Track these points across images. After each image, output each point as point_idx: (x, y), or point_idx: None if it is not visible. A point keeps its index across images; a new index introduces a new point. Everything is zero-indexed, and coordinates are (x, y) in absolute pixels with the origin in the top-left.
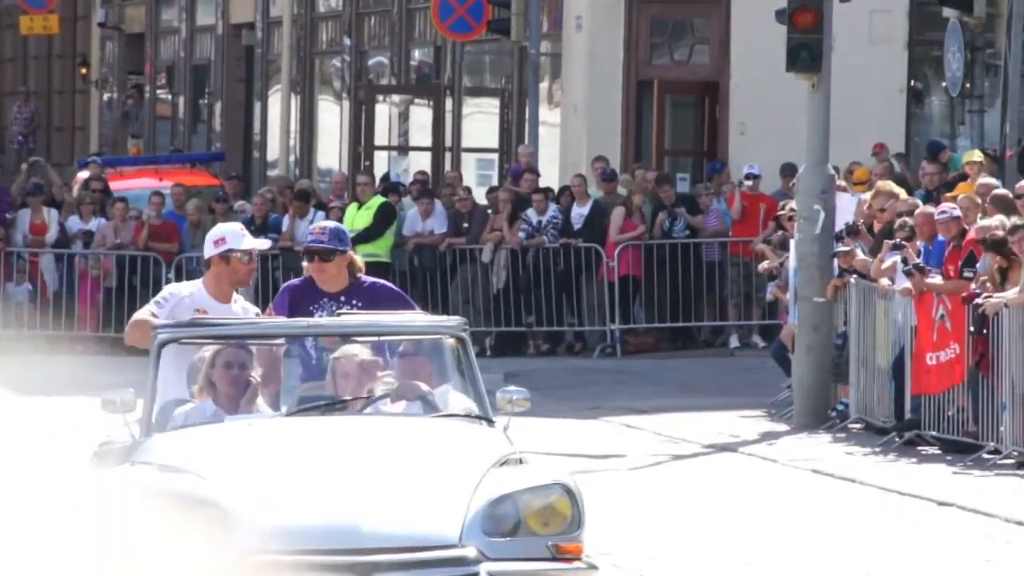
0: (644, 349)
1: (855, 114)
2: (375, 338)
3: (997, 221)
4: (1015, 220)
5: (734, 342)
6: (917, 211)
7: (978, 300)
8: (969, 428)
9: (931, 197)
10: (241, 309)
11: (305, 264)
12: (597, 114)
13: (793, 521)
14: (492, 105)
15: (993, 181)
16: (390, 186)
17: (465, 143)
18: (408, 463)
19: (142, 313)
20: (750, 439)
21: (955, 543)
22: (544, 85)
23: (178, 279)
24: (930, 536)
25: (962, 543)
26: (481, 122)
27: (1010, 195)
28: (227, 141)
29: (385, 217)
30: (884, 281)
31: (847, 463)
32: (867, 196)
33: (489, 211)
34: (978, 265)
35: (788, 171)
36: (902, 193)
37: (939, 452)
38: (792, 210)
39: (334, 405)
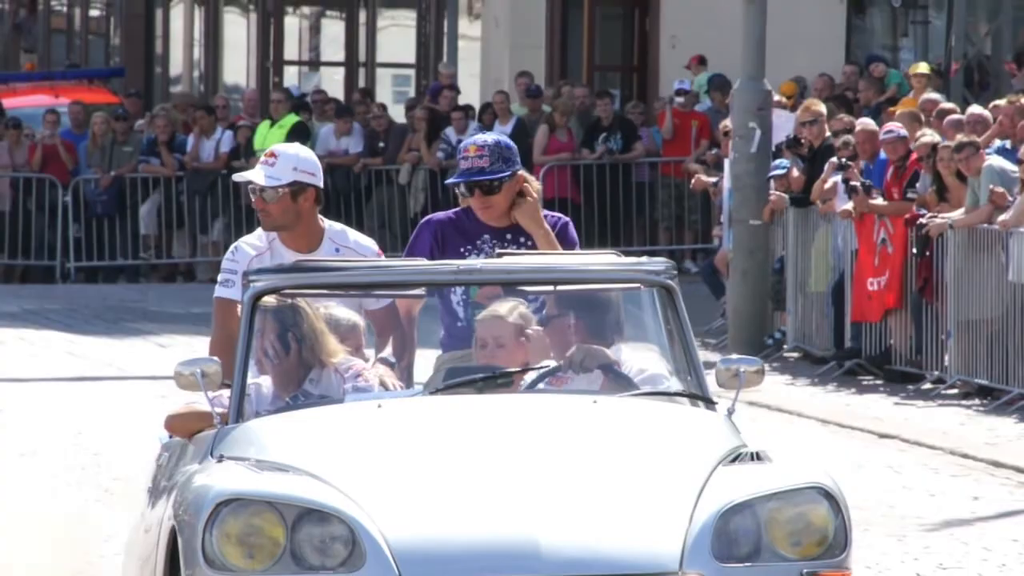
0: None
1: (793, 26)
2: (552, 288)
3: (930, 135)
4: (960, 138)
5: None
6: (858, 128)
7: (922, 220)
8: (912, 357)
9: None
10: (333, 250)
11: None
12: (520, 27)
13: None
14: (408, 17)
15: (937, 96)
16: (301, 103)
17: (380, 58)
18: (603, 459)
19: (223, 291)
20: None
21: (898, 477)
22: None
23: (75, 203)
24: (871, 470)
25: (905, 477)
26: (397, 35)
27: (961, 117)
28: (127, 55)
29: (298, 136)
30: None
31: (784, 394)
32: (798, 111)
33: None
34: (917, 185)
35: (721, 86)
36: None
37: (880, 382)
38: (727, 127)
39: (494, 379)
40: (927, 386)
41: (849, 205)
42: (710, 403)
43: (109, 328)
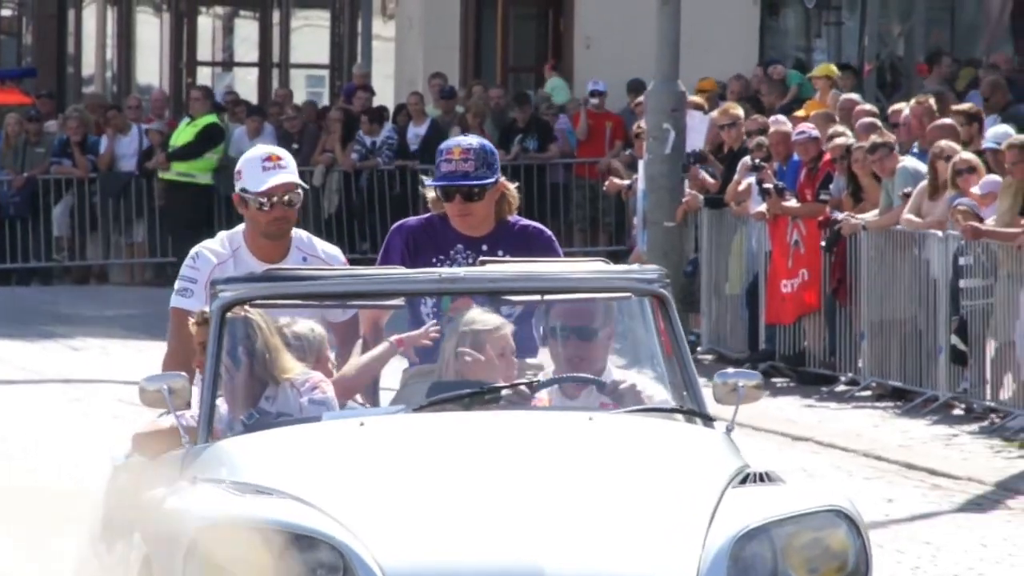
0: None
1: (707, 28)
2: (537, 297)
3: (843, 137)
4: (874, 139)
5: None
6: (771, 130)
7: (835, 218)
8: (826, 359)
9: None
10: (300, 259)
11: (429, 196)
12: (434, 28)
13: None
14: (322, 18)
15: (855, 96)
16: (217, 105)
17: (294, 58)
18: (607, 481)
19: (179, 302)
20: None
21: (811, 480)
22: None
23: None
24: (785, 473)
25: (818, 480)
26: (311, 36)
27: (877, 121)
28: (39, 56)
29: (209, 137)
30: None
31: None
32: (716, 113)
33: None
34: (831, 187)
35: (636, 88)
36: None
37: (794, 384)
38: (641, 128)
39: (482, 395)
40: (841, 388)
41: (763, 207)
42: (708, 420)
43: (22, 331)
